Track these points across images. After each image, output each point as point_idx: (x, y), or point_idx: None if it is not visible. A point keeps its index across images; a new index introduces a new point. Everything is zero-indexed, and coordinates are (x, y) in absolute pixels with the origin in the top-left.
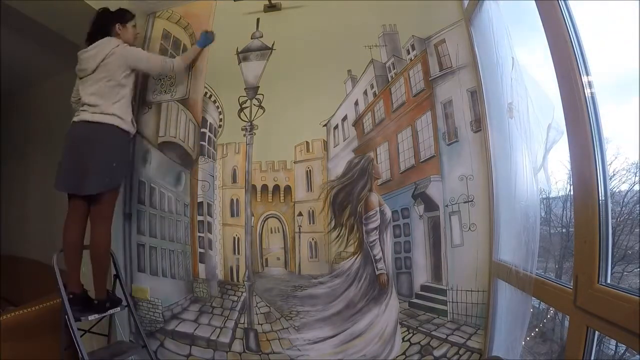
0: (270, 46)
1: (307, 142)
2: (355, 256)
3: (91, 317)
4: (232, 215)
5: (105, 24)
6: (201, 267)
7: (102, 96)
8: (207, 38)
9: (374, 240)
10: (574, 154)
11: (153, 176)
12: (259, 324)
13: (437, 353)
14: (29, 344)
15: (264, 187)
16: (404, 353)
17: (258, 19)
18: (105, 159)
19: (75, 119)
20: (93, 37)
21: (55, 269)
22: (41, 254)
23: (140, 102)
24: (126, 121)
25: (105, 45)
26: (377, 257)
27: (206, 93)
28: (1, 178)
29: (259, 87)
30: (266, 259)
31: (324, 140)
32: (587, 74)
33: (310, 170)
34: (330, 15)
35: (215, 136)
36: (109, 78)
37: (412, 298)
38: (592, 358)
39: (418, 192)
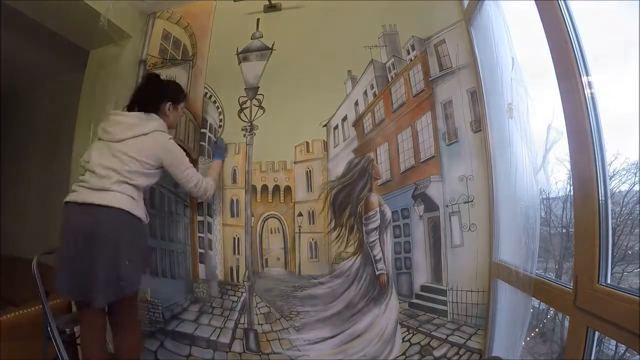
0: (270, 46)
1: (307, 142)
2: (355, 256)
3: (77, 328)
4: (232, 216)
5: (157, 97)
6: (201, 268)
7: (114, 170)
8: (219, 146)
9: (374, 241)
10: (574, 154)
11: None
12: (259, 324)
13: (437, 353)
14: (28, 344)
15: (264, 188)
16: (404, 353)
17: (258, 19)
18: (117, 258)
19: (72, 197)
20: (137, 104)
21: (36, 275)
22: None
23: None
24: (139, 205)
25: (148, 122)
26: (377, 258)
27: (206, 93)
28: (1, 178)
29: (259, 87)
30: (266, 260)
31: (324, 140)
32: (587, 74)
33: (310, 170)
34: (330, 16)
35: (215, 136)
36: (130, 160)
37: (412, 298)
38: (592, 358)
39: (418, 192)
